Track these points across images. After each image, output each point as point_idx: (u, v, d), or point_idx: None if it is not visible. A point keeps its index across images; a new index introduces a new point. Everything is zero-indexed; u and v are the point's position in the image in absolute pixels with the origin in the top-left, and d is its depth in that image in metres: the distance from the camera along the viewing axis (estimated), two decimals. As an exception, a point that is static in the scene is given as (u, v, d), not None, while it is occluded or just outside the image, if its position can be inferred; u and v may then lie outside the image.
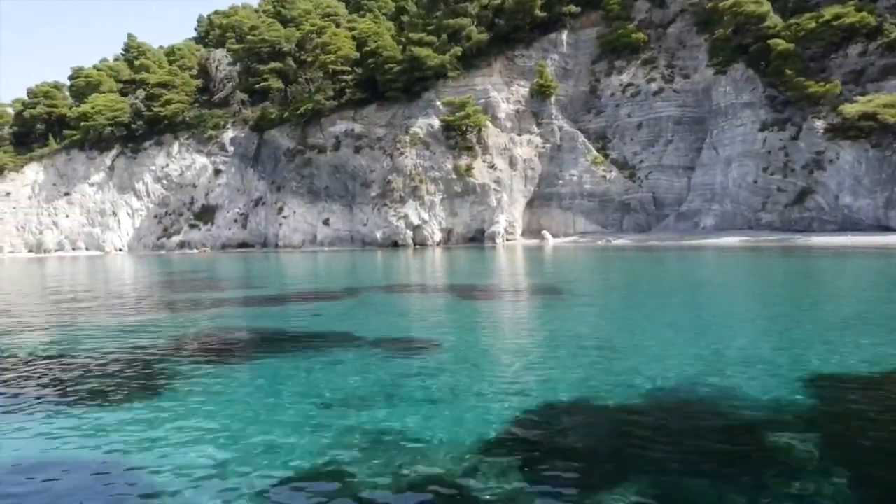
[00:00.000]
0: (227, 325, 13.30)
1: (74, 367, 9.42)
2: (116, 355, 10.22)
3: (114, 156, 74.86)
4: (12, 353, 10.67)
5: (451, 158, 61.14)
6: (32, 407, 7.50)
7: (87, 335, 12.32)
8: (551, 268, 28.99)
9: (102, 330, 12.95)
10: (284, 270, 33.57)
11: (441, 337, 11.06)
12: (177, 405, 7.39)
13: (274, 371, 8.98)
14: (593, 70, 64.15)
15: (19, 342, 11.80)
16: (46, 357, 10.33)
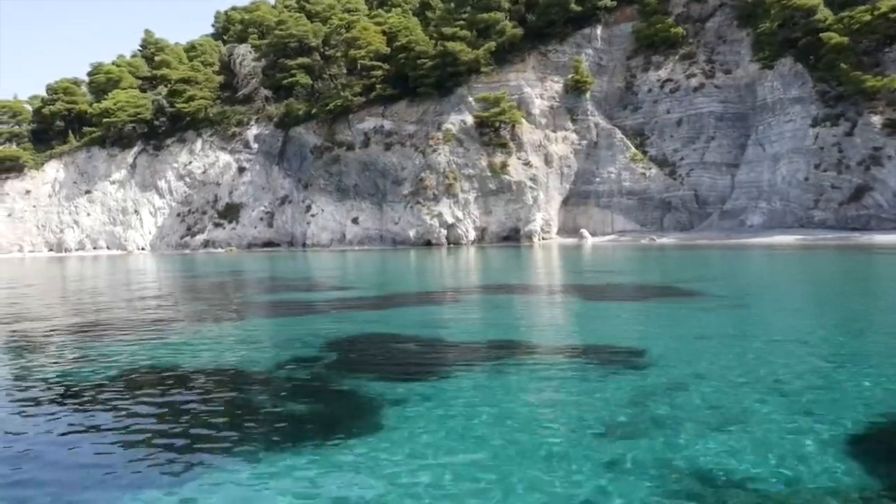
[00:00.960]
0: (380, 332, 11.99)
1: (251, 392, 8.07)
2: (282, 373, 8.79)
3: (135, 153, 73.51)
4: (163, 368, 9.38)
5: (485, 156, 59.85)
6: (224, 450, 5.83)
7: (225, 347, 11.02)
8: (629, 266, 27.67)
9: (231, 340, 11.65)
10: (348, 269, 32.25)
11: (637, 344, 9.80)
12: (400, 435, 5.98)
13: (484, 387, 7.60)
14: (628, 65, 62.87)
15: (153, 356, 10.51)
16: (194, 373, 9.02)
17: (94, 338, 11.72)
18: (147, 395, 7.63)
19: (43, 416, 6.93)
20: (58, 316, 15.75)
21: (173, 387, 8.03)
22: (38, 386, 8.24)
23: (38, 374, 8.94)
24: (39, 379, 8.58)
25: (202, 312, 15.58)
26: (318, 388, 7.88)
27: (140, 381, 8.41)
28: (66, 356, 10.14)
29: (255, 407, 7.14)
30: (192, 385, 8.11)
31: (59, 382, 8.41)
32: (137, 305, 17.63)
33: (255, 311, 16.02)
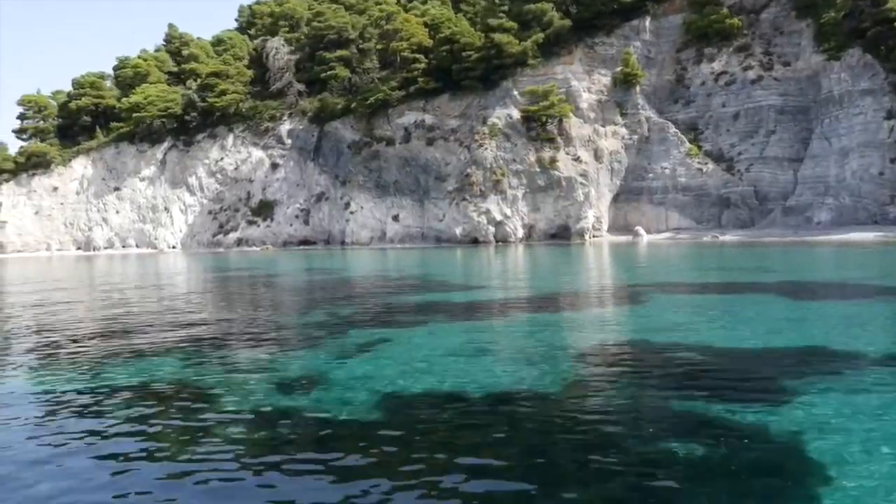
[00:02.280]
0: (621, 338, 10.14)
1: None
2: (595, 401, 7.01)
3: (165, 149, 71.67)
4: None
5: (532, 151, 58.05)
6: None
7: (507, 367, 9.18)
8: (746, 263, 25.81)
9: (470, 351, 9.79)
10: (434, 268, 30.41)
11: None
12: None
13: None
14: (678, 58, 61.13)
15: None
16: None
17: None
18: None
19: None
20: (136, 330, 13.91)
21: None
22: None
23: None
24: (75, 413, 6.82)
25: (383, 316, 13.78)
26: (688, 421, 5.99)
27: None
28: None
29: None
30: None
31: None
32: (284, 322, 15.75)
33: (436, 315, 14.19)
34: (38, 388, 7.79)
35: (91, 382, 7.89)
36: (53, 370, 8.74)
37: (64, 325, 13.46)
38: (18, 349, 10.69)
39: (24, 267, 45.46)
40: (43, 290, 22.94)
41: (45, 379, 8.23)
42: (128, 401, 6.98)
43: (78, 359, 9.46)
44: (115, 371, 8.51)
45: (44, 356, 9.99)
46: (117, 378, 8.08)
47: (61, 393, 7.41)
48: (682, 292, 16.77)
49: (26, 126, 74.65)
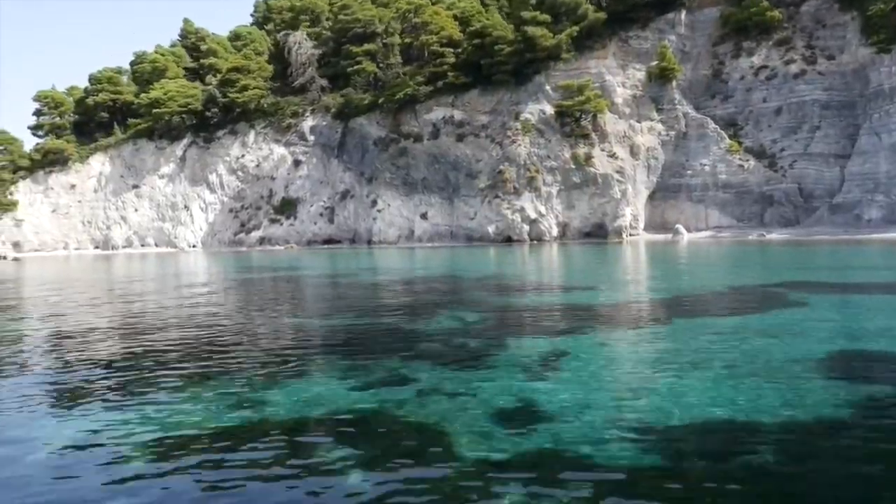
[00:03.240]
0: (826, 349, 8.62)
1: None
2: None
3: (185, 146, 70.12)
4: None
5: (567, 147, 56.54)
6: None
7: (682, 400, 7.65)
8: (827, 262, 24.31)
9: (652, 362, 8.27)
10: (503, 267, 28.87)
11: None
12: None
13: None
14: (715, 52, 59.59)
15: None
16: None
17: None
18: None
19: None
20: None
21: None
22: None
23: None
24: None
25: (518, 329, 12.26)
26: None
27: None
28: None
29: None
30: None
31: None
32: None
33: (584, 322, 12.65)
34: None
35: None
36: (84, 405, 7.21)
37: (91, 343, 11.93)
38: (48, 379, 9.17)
39: (43, 267, 43.92)
40: (62, 292, 21.42)
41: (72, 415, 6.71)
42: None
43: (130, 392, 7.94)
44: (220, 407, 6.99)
45: (75, 390, 8.47)
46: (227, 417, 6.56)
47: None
48: (834, 292, 15.21)
49: (42, 122, 73.09)
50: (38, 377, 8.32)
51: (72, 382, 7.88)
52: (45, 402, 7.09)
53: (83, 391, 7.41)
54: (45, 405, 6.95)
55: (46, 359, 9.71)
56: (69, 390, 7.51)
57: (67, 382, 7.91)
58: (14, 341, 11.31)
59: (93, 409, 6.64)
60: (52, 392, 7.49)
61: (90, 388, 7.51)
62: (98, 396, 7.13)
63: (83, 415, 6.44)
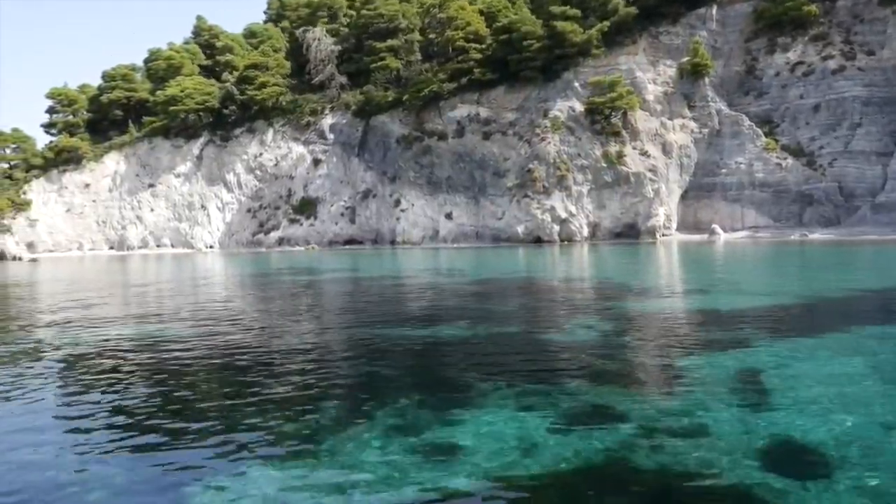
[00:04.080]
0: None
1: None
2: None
3: (202, 144, 68.62)
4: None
5: (598, 145, 55.15)
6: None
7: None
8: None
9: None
10: (572, 269, 27.43)
11: None
12: None
13: None
14: (748, 48, 58.16)
15: None
16: None
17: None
18: None
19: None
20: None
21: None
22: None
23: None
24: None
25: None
26: None
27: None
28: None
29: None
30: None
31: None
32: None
33: (737, 328, 11.24)
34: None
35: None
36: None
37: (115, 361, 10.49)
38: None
39: (61, 268, 42.47)
40: (82, 296, 19.97)
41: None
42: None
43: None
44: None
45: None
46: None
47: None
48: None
49: (55, 120, 71.60)
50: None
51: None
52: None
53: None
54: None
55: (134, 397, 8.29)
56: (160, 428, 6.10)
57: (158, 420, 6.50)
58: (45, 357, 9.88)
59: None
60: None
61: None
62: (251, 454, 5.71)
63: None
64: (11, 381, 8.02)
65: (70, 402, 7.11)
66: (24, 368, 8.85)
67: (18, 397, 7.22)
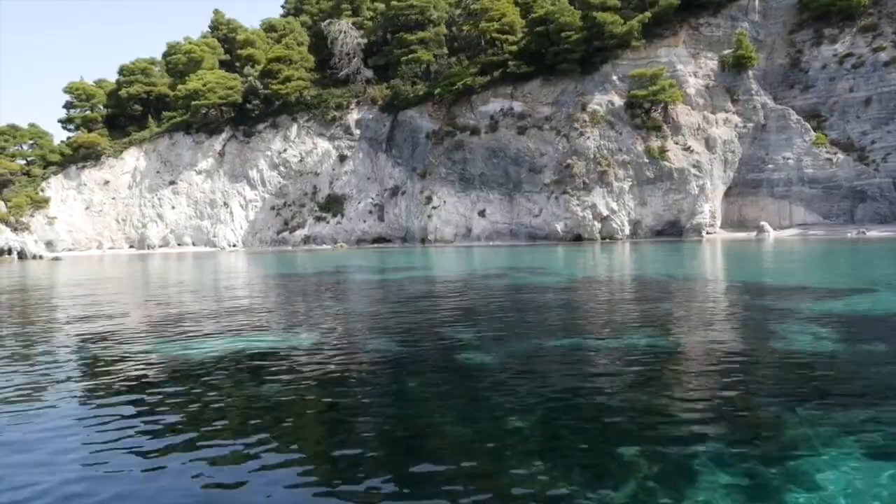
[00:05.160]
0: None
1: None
2: None
3: (224, 140, 66.81)
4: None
5: (639, 139, 53.38)
6: None
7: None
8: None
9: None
10: (680, 267, 25.60)
11: None
12: None
13: None
14: (791, 40, 56.39)
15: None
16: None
17: None
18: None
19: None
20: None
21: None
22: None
23: None
24: None
25: None
26: None
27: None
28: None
29: None
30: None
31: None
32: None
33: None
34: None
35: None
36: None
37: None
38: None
39: (85, 267, 40.64)
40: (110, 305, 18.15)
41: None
42: None
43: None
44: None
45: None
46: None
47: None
48: None
49: (73, 115, 69.77)
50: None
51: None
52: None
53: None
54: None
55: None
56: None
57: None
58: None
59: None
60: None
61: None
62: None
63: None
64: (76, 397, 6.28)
65: (142, 428, 5.37)
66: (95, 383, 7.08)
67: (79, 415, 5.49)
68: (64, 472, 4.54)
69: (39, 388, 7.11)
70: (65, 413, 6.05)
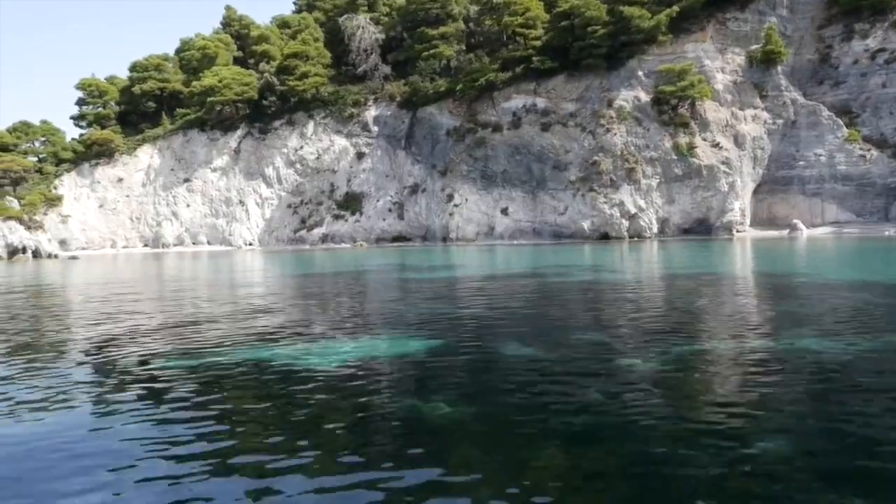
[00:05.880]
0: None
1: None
2: None
3: (239, 137, 65.71)
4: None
5: (667, 136, 52.41)
6: None
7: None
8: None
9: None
10: (739, 264, 24.60)
11: None
12: None
13: None
14: (820, 35, 55.46)
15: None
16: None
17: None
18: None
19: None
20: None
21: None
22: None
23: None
24: None
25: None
26: None
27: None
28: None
29: None
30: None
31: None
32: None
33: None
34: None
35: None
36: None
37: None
38: None
39: (103, 267, 39.58)
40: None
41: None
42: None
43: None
44: None
45: None
46: None
47: None
48: None
49: (85, 112, 68.65)
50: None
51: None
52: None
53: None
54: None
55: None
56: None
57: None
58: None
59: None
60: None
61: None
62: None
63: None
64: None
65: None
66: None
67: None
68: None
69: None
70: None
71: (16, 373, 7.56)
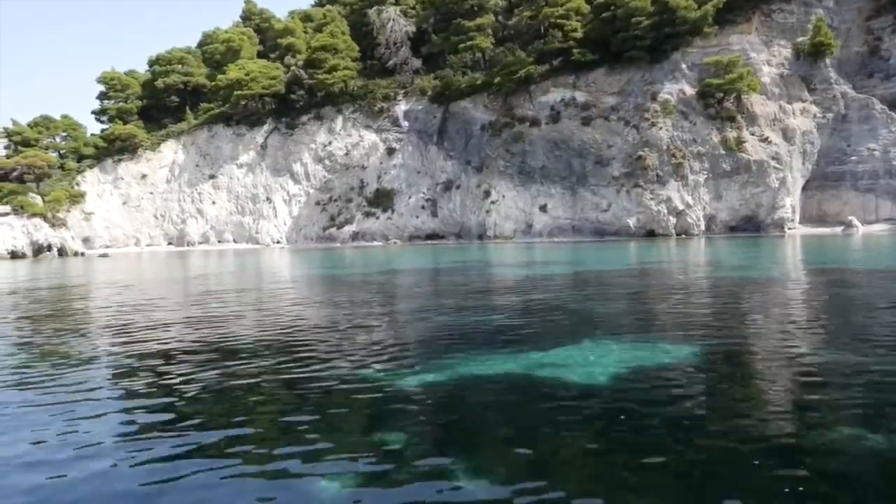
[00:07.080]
0: None
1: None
2: None
3: (266, 132, 64.02)
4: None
5: (714, 130, 50.86)
6: None
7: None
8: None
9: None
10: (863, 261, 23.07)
11: None
12: None
13: None
14: (869, 27, 53.99)
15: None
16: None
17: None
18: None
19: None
20: None
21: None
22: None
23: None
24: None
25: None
26: None
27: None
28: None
29: None
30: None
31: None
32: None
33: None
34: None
35: None
36: None
37: None
38: None
39: (140, 267, 37.86)
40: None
41: None
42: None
43: None
44: None
45: None
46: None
47: None
48: None
49: (107, 107, 66.89)
50: None
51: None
52: None
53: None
54: None
55: None
56: None
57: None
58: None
59: None
60: None
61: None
62: None
63: None
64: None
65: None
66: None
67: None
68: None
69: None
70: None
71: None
